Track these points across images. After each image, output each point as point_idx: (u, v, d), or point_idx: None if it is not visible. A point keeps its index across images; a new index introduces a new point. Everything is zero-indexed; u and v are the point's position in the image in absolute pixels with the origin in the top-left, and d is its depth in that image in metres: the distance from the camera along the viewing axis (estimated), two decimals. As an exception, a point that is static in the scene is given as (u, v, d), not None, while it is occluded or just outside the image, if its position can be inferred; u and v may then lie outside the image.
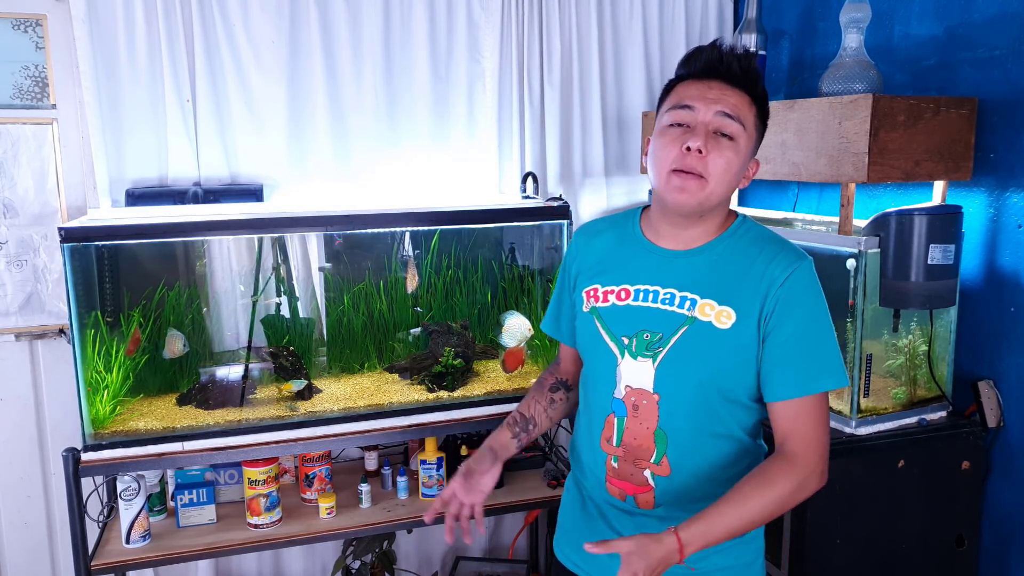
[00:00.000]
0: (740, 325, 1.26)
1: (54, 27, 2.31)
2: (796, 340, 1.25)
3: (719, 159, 1.23)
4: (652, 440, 1.32)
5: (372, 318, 2.42)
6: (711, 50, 1.27)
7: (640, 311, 1.33)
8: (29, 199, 2.35)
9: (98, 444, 2.01)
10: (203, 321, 2.33)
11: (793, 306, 1.25)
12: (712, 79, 1.26)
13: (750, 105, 1.26)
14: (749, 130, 1.26)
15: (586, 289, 1.41)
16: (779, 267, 1.26)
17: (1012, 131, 1.89)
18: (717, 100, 1.24)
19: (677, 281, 1.31)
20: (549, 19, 2.64)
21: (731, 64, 1.25)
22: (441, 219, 2.32)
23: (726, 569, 1.36)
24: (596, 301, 1.38)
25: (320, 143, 2.50)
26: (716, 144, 1.23)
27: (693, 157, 1.23)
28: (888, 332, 1.96)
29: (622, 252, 1.40)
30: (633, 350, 1.32)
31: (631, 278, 1.36)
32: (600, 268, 1.41)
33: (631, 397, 1.32)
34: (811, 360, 1.26)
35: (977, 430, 1.93)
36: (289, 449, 2.15)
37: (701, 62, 1.28)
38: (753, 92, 1.27)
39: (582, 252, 1.46)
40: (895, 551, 1.90)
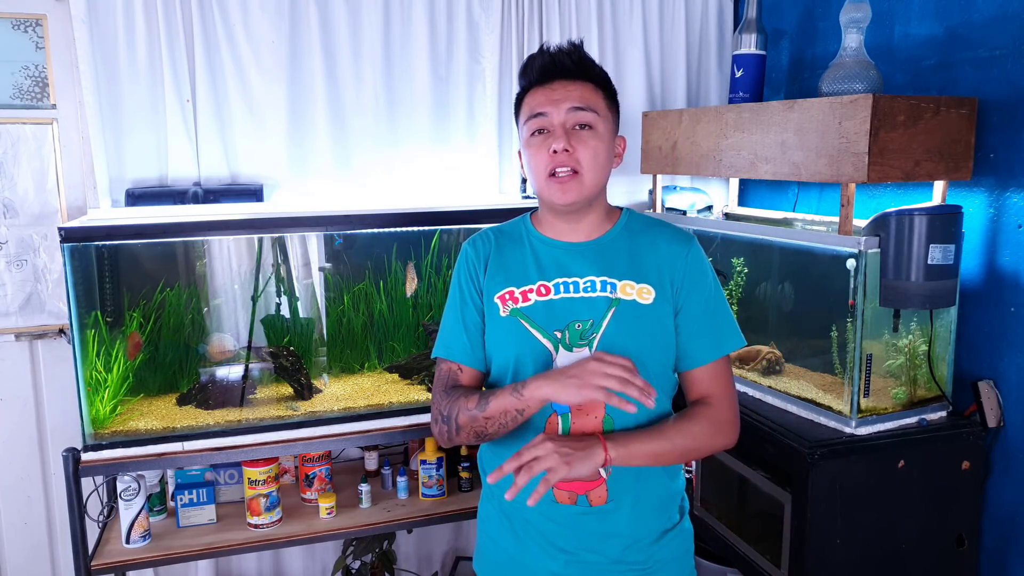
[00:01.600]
0: (659, 300, 1.35)
1: (54, 27, 2.31)
2: (705, 311, 1.37)
3: (586, 150, 1.30)
4: (600, 429, 1.32)
5: (372, 318, 2.42)
6: (541, 55, 1.34)
7: (565, 303, 1.35)
8: (29, 199, 2.35)
9: (98, 444, 2.01)
10: (203, 321, 2.33)
11: (697, 280, 1.37)
12: (552, 81, 1.33)
13: (595, 91, 1.33)
14: (603, 113, 1.33)
15: (499, 294, 1.38)
16: (677, 245, 1.38)
17: (1012, 131, 1.89)
18: (564, 98, 1.31)
19: (591, 269, 1.36)
20: (549, 19, 2.64)
21: (562, 61, 1.32)
22: (441, 219, 2.32)
23: (669, 561, 1.39)
24: (516, 303, 1.37)
25: (320, 143, 2.50)
26: (578, 138, 1.31)
27: (562, 156, 1.30)
28: (888, 332, 1.96)
29: (526, 253, 1.41)
30: (567, 342, 1.33)
31: (545, 274, 1.38)
32: (508, 271, 1.40)
33: None
34: (719, 327, 1.38)
35: (977, 430, 1.93)
36: (289, 449, 2.15)
37: (536, 70, 1.35)
38: (592, 78, 1.33)
39: (482, 259, 1.43)
40: (895, 551, 1.89)
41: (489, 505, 1.47)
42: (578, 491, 1.35)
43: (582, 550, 1.36)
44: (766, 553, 1.98)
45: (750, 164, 2.20)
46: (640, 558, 1.36)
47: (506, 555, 1.42)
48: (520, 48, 2.64)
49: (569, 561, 1.36)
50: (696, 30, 2.82)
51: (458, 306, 1.43)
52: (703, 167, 2.36)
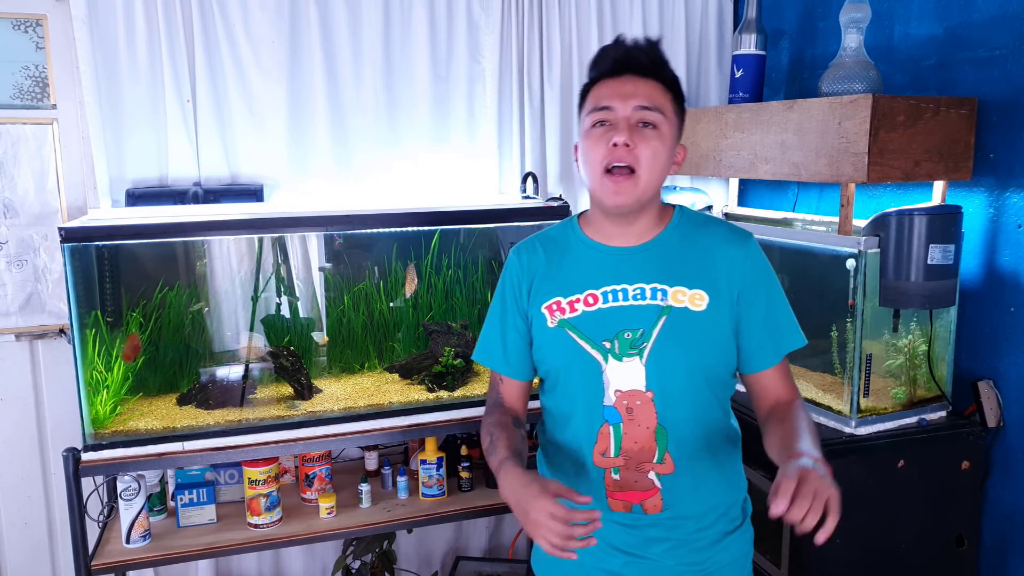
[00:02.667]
0: (714, 304, 1.31)
1: (54, 27, 2.31)
2: (769, 312, 1.34)
3: (646, 149, 1.26)
4: (653, 439, 1.31)
5: (372, 318, 2.42)
6: (616, 48, 1.30)
7: (614, 312, 1.32)
8: (29, 199, 2.35)
9: (98, 444, 2.01)
10: (203, 321, 2.33)
11: (759, 281, 1.33)
12: (623, 75, 1.29)
13: (664, 92, 1.29)
14: (669, 116, 1.29)
15: (546, 304, 1.36)
16: (734, 247, 1.34)
17: (1012, 131, 1.89)
18: (632, 94, 1.27)
19: (642, 275, 1.32)
20: (549, 19, 2.64)
21: (638, 57, 1.28)
22: (441, 219, 2.32)
23: (727, 564, 1.38)
24: (563, 313, 1.35)
25: (320, 143, 2.50)
26: (641, 136, 1.26)
27: (621, 151, 1.25)
28: (888, 332, 1.97)
29: (573, 259, 1.38)
30: (617, 352, 1.31)
31: (592, 282, 1.34)
32: (555, 281, 1.37)
33: (623, 401, 1.31)
34: (782, 327, 1.35)
35: (977, 430, 1.93)
36: (289, 449, 2.15)
37: (609, 61, 1.31)
38: (664, 79, 1.30)
39: (528, 269, 1.41)
40: (895, 551, 1.89)
41: None
42: (633, 500, 1.33)
43: (640, 551, 1.34)
44: (766, 553, 1.99)
45: (750, 164, 2.20)
46: (699, 559, 1.35)
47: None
48: (520, 48, 2.64)
49: (627, 561, 1.35)
50: (696, 30, 2.82)
51: (499, 317, 1.44)
52: (703, 167, 2.36)
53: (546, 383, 1.42)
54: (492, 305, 1.46)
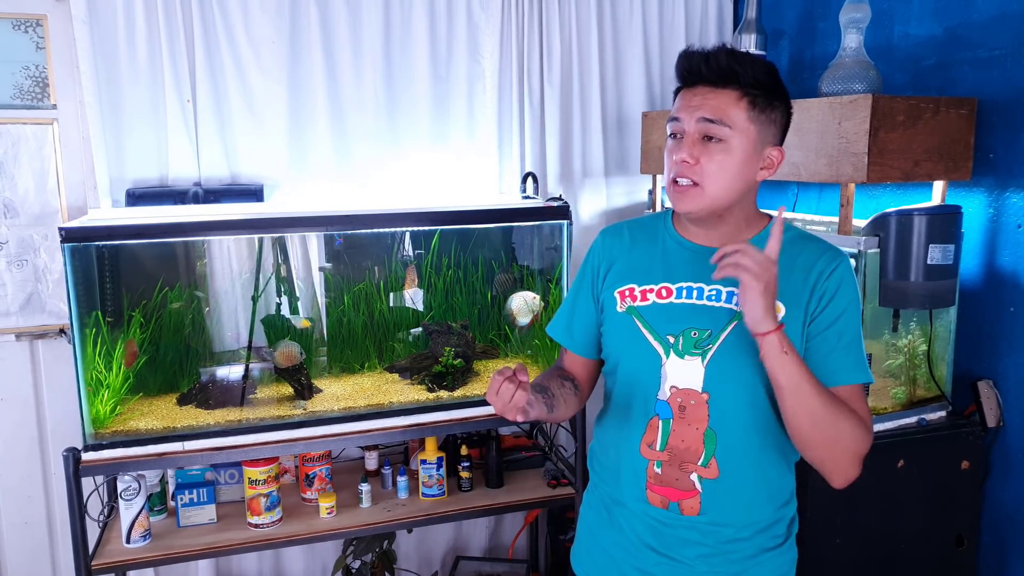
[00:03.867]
0: (789, 318, 1.27)
1: (54, 27, 2.31)
2: (849, 328, 1.27)
3: (710, 163, 1.25)
4: (701, 442, 1.29)
5: (372, 318, 2.42)
6: (685, 57, 1.29)
7: (685, 308, 1.31)
8: (29, 199, 2.35)
9: (98, 444, 2.01)
10: (203, 321, 2.33)
11: (843, 296, 1.28)
12: (695, 86, 1.28)
13: (737, 100, 1.25)
14: (741, 125, 1.25)
15: (619, 289, 1.37)
16: (825, 261, 1.29)
17: (1012, 131, 1.89)
18: (698, 107, 1.26)
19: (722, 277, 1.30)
20: (549, 19, 2.64)
21: (699, 67, 1.26)
22: (441, 219, 2.32)
23: None
24: (634, 300, 1.35)
25: (320, 143, 2.50)
26: (704, 150, 1.25)
27: (684, 166, 1.26)
28: (888, 332, 1.97)
29: (656, 250, 1.38)
30: (680, 348, 1.30)
31: (670, 276, 1.34)
32: (634, 268, 1.38)
33: (677, 398, 1.30)
34: (855, 352, 1.28)
35: (977, 430, 1.93)
36: (289, 449, 2.15)
37: (679, 72, 1.30)
38: (741, 85, 1.25)
39: (610, 253, 1.42)
40: (895, 551, 1.90)
41: (593, 495, 1.47)
42: (671, 497, 1.32)
43: (673, 552, 1.33)
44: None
45: (750, 164, 2.19)
46: (733, 570, 1.32)
47: (600, 547, 1.43)
48: (520, 48, 2.64)
49: (659, 561, 1.34)
50: (696, 30, 2.82)
51: (573, 293, 1.48)
52: (703, 167, 2.35)
53: (608, 365, 1.43)
54: (574, 281, 1.49)
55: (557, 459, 2.58)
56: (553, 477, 2.44)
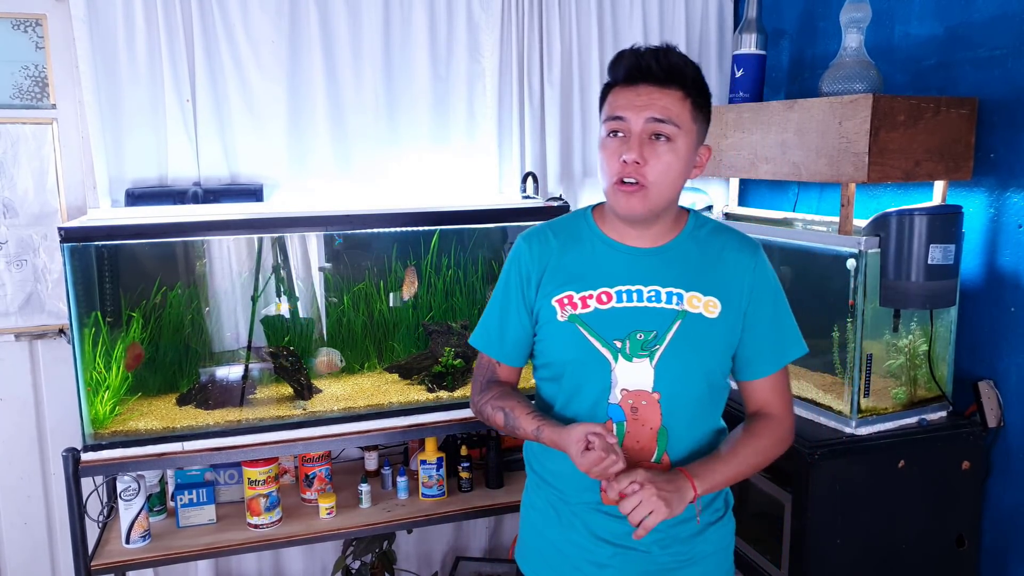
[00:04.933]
0: (726, 313, 1.33)
1: (54, 27, 2.31)
2: (770, 321, 1.37)
3: (657, 164, 1.26)
4: (654, 440, 1.32)
5: (372, 318, 2.42)
6: (630, 56, 1.28)
7: (628, 312, 1.32)
8: (29, 199, 2.35)
9: (98, 444, 2.01)
10: (203, 321, 2.33)
11: (765, 290, 1.36)
12: (639, 83, 1.27)
13: (682, 100, 1.26)
14: (686, 125, 1.27)
15: (557, 298, 1.35)
16: (745, 254, 1.37)
17: (1012, 131, 1.89)
18: (646, 106, 1.25)
19: (657, 278, 1.33)
20: (549, 19, 2.64)
21: (649, 65, 1.26)
22: (441, 219, 2.32)
23: (712, 555, 1.40)
24: (575, 308, 1.34)
25: (320, 143, 2.50)
26: (652, 150, 1.26)
27: (631, 167, 1.26)
28: (888, 332, 1.96)
29: (587, 255, 1.37)
30: (627, 352, 1.31)
31: (608, 280, 1.34)
32: (568, 274, 1.36)
33: (628, 400, 1.32)
34: (782, 336, 1.38)
35: (977, 430, 1.93)
36: (289, 449, 2.15)
37: (622, 69, 1.29)
38: (682, 85, 1.27)
39: (539, 260, 1.39)
40: (895, 551, 1.89)
41: (536, 496, 1.47)
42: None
43: (626, 541, 1.36)
44: (766, 553, 1.99)
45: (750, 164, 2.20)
46: (683, 549, 1.37)
47: (551, 546, 1.43)
48: (520, 48, 2.64)
49: (615, 552, 1.36)
50: (696, 30, 2.81)
51: (500, 304, 1.43)
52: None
53: (547, 372, 1.41)
54: (495, 292, 1.45)
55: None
56: (553, 477, 2.44)
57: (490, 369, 1.47)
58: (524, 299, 1.40)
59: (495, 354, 1.45)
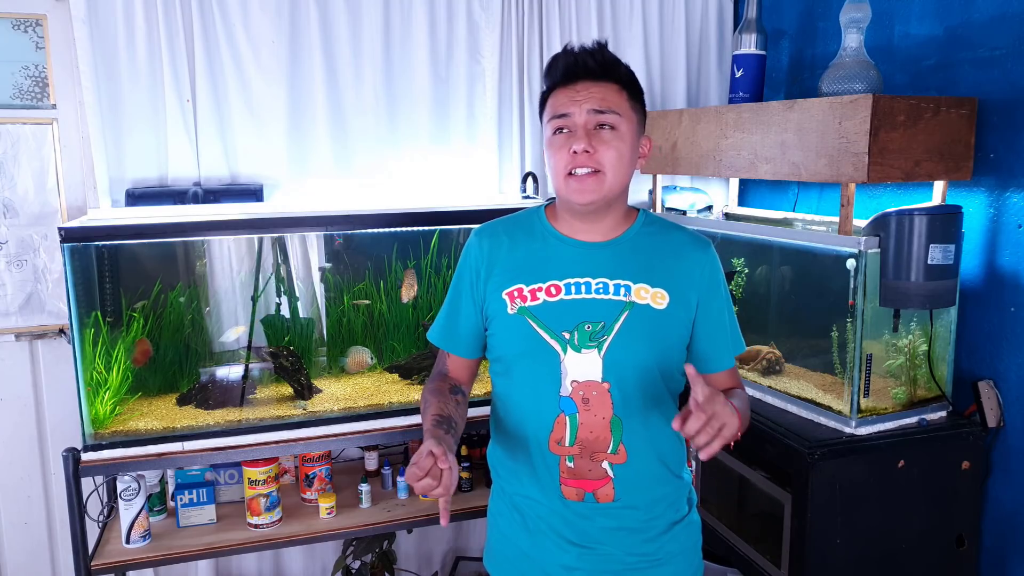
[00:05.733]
0: (674, 305, 1.35)
1: (54, 27, 2.31)
2: (724, 315, 1.41)
3: (608, 151, 1.30)
4: (608, 430, 1.34)
5: (372, 318, 2.42)
6: (565, 56, 1.34)
7: (576, 303, 1.34)
8: (29, 199, 2.35)
9: (98, 444, 2.01)
10: (203, 321, 2.33)
11: (715, 286, 1.40)
12: (576, 82, 1.32)
13: (619, 91, 1.32)
14: (626, 114, 1.32)
15: (507, 291, 1.37)
16: (696, 251, 1.40)
17: (1012, 131, 1.89)
18: (586, 99, 1.30)
19: (606, 270, 1.36)
20: (549, 19, 2.64)
21: (586, 61, 1.31)
22: (441, 219, 2.32)
23: (679, 554, 1.42)
24: (524, 301, 1.36)
25: (320, 143, 2.50)
26: (599, 139, 1.30)
27: (582, 157, 1.29)
28: (888, 332, 1.96)
29: (538, 250, 1.39)
30: (576, 343, 1.33)
31: (556, 273, 1.36)
32: (518, 268, 1.38)
33: (579, 391, 1.33)
34: (731, 334, 1.44)
35: (977, 430, 1.93)
36: (289, 449, 2.15)
37: (560, 70, 1.33)
38: (618, 78, 1.32)
39: (490, 255, 1.41)
40: (895, 551, 1.89)
41: (500, 501, 1.48)
42: (586, 488, 1.36)
43: (593, 543, 1.37)
44: (766, 553, 1.99)
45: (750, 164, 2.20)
46: (650, 550, 1.38)
47: (518, 550, 1.43)
48: (520, 48, 2.64)
49: (581, 554, 1.37)
50: (696, 30, 2.82)
51: (452, 297, 1.47)
52: (703, 167, 2.36)
53: (499, 367, 1.43)
54: (451, 286, 1.48)
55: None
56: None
57: (442, 360, 1.50)
58: (474, 293, 1.42)
59: (444, 345, 1.48)
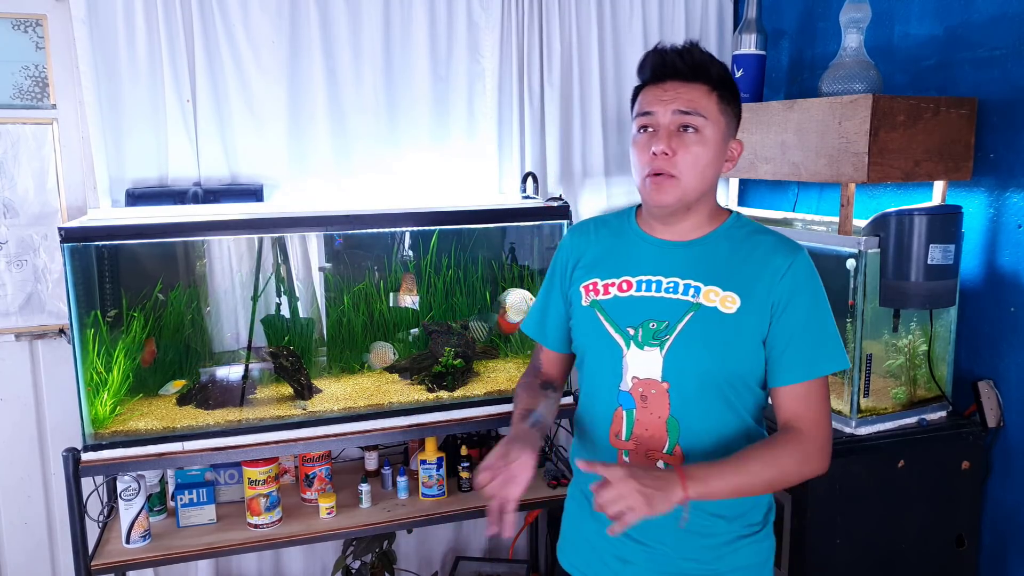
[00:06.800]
0: (745, 310, 1.30)
1: (54, 27, 2.31)
2: (802, 327, 1.30)
3: (686, 155, 1.28)
4: (664, 430, 1.33)
5: (372, 318, 2.42)
6: (654, 54, 1.32)
7: (644, 301, 1.35)
8: (29, 199, 2.35)
9: (98, 444, 2.01)
10: (203, 321, 2.33)
11: (797, 294, 1.31)
12: (665, 81, 1.31)
13: (708, 94, 1.30)
14: (713, 117, 1.30)
15: (584, 284, 1.42)
16: (780, 257, 1.32)
17: (1012, 131, 1.89)
18: (672, 100, 1.29)
19: (679, 270, 1.35)
20: (549, 19, 2.64)
21: (675, 62, 1.30)
22: (441, 219, 2.32)
23: (741, 569, 1.37)
24: (596, 294, 1.40)
25: (320, 143, 2.50)
26: (681, 141, 1.29)
27: (661, 159, 1.29)
28: (888, 332, 1.97)
29: (620, 246, 1.42)
30: (639, 340, 1.33)
31: (631, 270, 1.38)
32: (598, 263, 1.42)
33: (638, 388, 1.34)
34: (816, 345, 1.31)
35: (977, 430, 1.93)
36: (289, 449, 2.15)
37: (649, 68, 1.33)
38: (708, 80, 1.30)
39: (578, 249, 1.47)
40: (895, 551, 1.90)
41: (574, 488, 1.53)
42: None
43: (652, 541, 1.36)
44: (766, 553, 1.98)
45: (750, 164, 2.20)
46: (708, 558, 1.35)
47: (582, 538, 1.47)
48: (520, 48, 2.64)
49: (638, 549, 1.37)
50: (696, 30, 2.82)
51: (545, 290, 1.53)
52: (703, 167, 2.35)
53: (577, 360, 1.48)
54: (545, 277, 1.54)
55: (557, 459, 2.58)
56: (553, 477, 2.44)
57: (537, 354, 1.57)
58: (562, 285, 1.48)
59: (536, 336, 1.55)
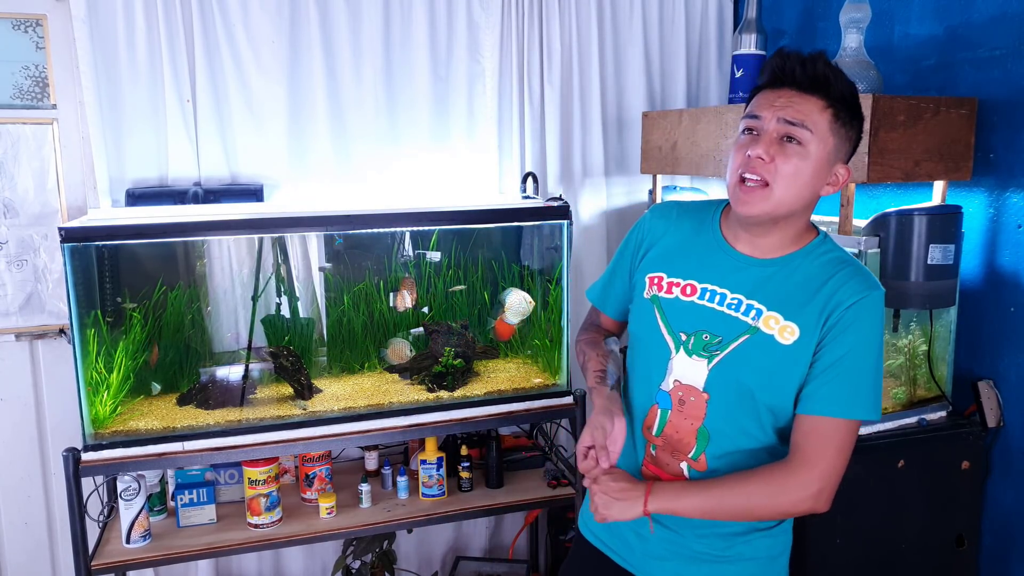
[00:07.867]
0: (801, 343, 1.26)
1: (54, 27, 2.31)
2: (841, 363, 1.25)
3: (785, 165, 1.22)
4: (694, 436, 1.33)
5: (372, 318, 2.42)
6: (777, 58, 1.26)
7: (704, 311, 1.32)
8: (29, 199, 2.35)
9: (98, 444, 2.01)
10: (203, 321, 2.33)
11: (851, 331, 1.24)
12: (781, 87, 1.25)
13: (822, 109, 1.23)
14: (821, 134, 1.23)
15: (650, 275, 1.39)
16: (849, 291, 1.25)
17: (1012, 131, 1.89)
18: (783, 108, 1.23)
19: (746, 288, 1.30)
20: (549, 19, 2.64)
21: (793, 70, 1.23)
22: (441, 219, 2.32)
23: (751, 560, 1.38)
24: (659, 290, 1.37)
25: (320, 143, 2.50)
26: (781, 150, 1.23)
27: (756, 163, 1.23)
28: (888, 332, 1.96)
29: (696, 245, 1.37)
30: (690, 347, 1.32)
31: (700, 275, 1.34)
32: (670, 256, 1.39)
33: (678, 392, 1.33)
34: (846, 385, 1.25)
35: (977, 430, 1.93)
36: (289, 449, 2.15)
37: (768, 72, 1.28)
38: (825, 95, 1.23)
39: (654, 232, 1.43)
40: (895, 551, 1.89)
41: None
42: (662, 477, 1.38)
43: (668, 520, 1.37)
44: (766, 553, 1.98)
45: (750, 164, 2.19)
46: (720, 545, 1.36)
47: None
48: (520, 48, 2.64)
49: (657, 528, 1.38)
50: (696, 30, 2.82)
51: (615, 262, 1.52)
52: (703, 167, 2.36)
53: (630, 338, 1.48)
54: (618, 248, 1.52)
55: (557, 459, 2.58)
56: (553, 477, 2.44)
57: (593, 314, 1.59)
58: (632, 263, 1.46)
59: (598, 304, 1.56)
